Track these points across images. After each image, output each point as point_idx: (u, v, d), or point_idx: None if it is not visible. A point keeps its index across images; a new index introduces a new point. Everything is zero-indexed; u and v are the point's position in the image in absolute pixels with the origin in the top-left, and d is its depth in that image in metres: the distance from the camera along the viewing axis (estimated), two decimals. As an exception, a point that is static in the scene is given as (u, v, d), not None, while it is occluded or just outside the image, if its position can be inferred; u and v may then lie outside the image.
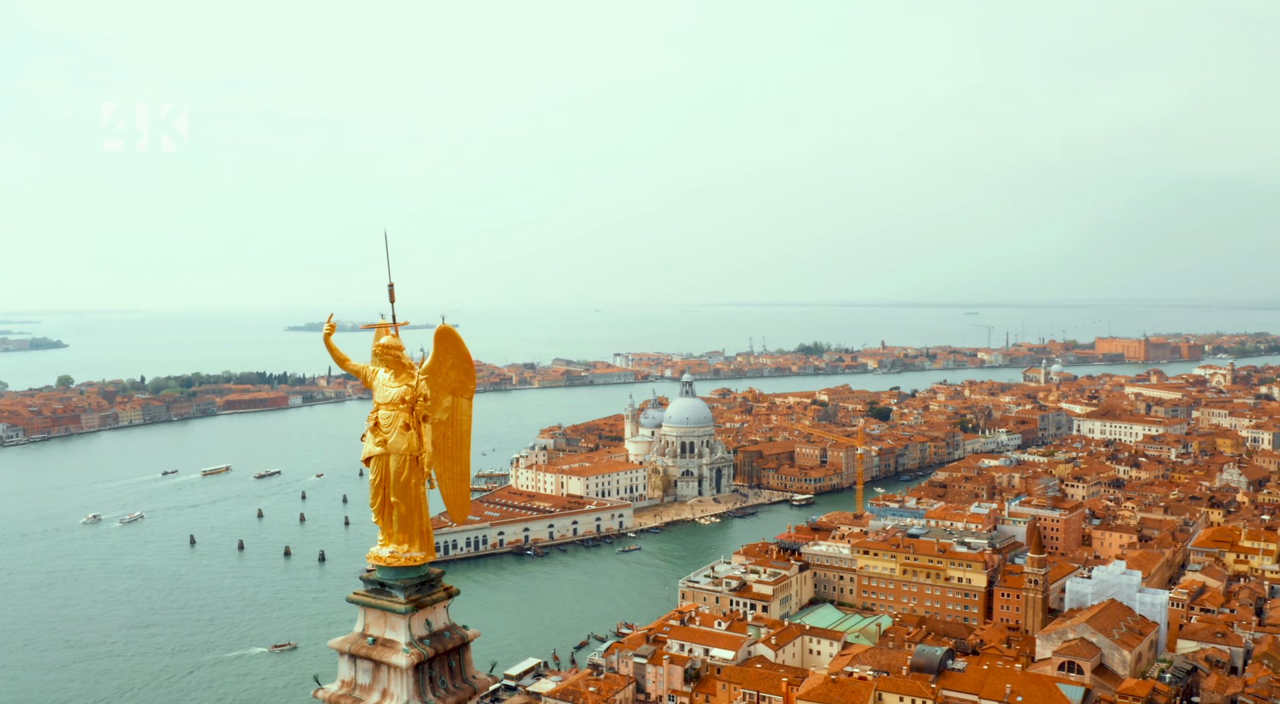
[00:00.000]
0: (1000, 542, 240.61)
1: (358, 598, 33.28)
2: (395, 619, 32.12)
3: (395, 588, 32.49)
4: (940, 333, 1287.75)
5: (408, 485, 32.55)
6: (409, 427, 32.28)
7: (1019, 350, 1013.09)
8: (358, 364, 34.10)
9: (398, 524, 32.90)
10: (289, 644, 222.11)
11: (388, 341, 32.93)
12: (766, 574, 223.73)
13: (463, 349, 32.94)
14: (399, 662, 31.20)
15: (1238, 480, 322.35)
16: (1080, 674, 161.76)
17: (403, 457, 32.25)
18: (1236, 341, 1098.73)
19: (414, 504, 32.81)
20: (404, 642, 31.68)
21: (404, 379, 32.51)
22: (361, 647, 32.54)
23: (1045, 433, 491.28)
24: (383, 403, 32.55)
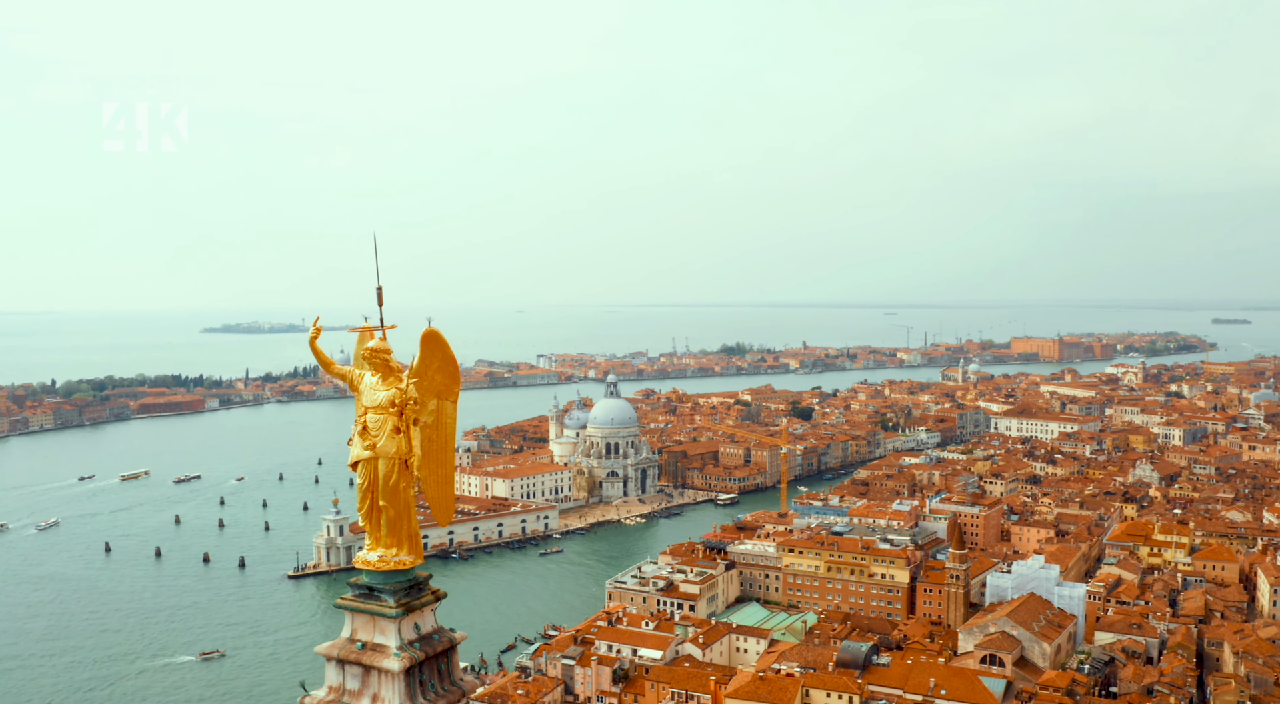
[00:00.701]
0: (922, 538, 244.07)
1: (346, 603, 32.84)
2: (385, 623, 31.86)
3: (385, 592, 32.24)
4: (860, 333, 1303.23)
5: (396, 489, 32.37)
6: (399, 430, 32.12)
7: (937, 350, 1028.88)
8: (343, 367, 33.82)
9: (386, 528, 32.66)
10: (217, 652, 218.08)
11: (376, 345, 32.70)
12: (693, 574, 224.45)
13: (448, 352, 32.70)
14: (391, 666, 30.98)
15: (1150, 476, 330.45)
16: (1002, 667, 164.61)
17: (392, 460, 32.11)
18: (1147, 341, 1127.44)
19: (403, 508, 32.61)
20: (395, 646, 31.49)
21: (392, 382, 32.32)
22: (351, 652, 32.19)
23: (964, 431, 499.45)
24: (371, 406, 32.32)
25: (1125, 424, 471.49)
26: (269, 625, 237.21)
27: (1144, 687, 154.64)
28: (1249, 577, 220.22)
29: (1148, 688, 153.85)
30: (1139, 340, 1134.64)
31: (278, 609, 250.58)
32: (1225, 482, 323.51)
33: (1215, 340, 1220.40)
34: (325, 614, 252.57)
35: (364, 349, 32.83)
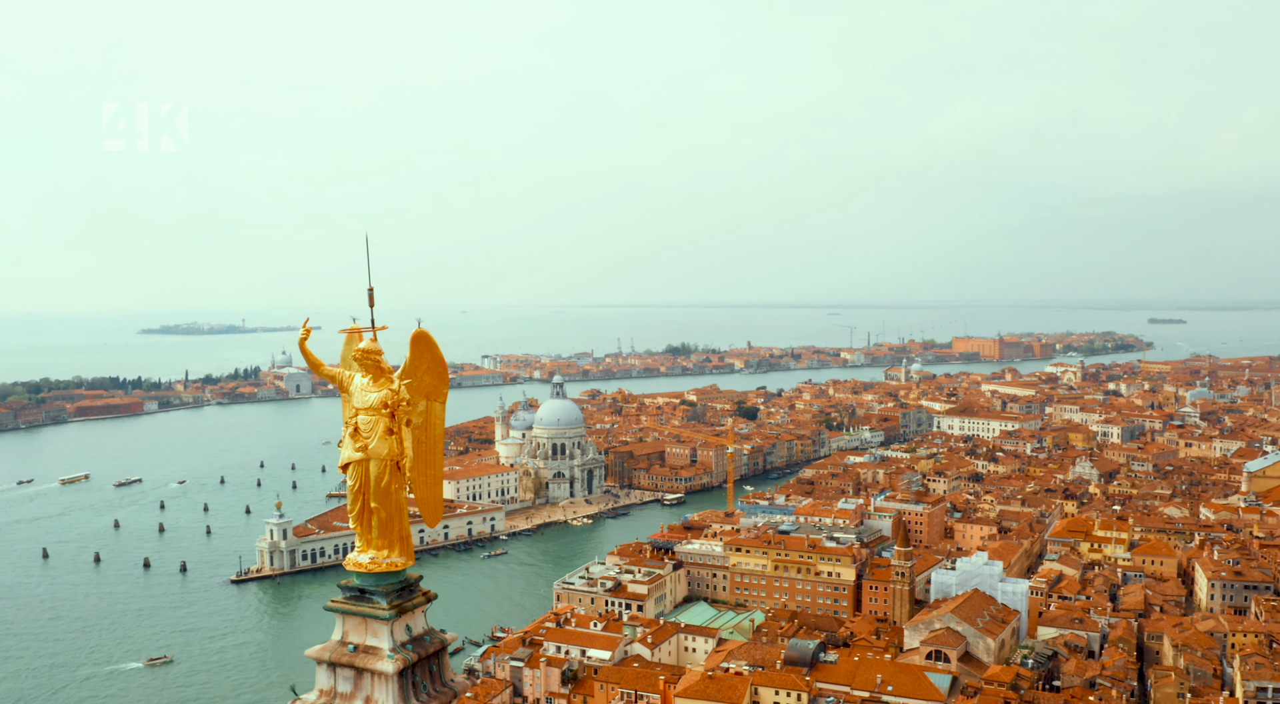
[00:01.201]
0: (867, 536, 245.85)
1: (337, 606, 32.45)
2: (377, 625, 31.59)
3: (377, 594, 32.00)
4: (804, 333, 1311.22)
5: (388, 490, 32.16)
6: (392, 431, 31.90)
7: (880, 350, 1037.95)
8: (332, 368, 33.52)
9: (377, 529, 32.42)
10: (164, 657, 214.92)
11: (368, 346, 32.41)
12: (641, 574, 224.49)
13: (437, 353, 32.77)
14: (385, 668, 30.73)
15: (1089, 473, 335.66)
16: (947, 663, 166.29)
17: (384, 462, 31.91)
18: (1085, 340, 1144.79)
19: (394, 509, 32.38)
20: (388, 648, 31.24)
21: (383, 384, 32.05)
22: (342, 655, 31.85)
23: (907, 430, 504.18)
24: (362, 408, 32.06)
25: (1065, 422, 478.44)
26: (215, 630, 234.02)
27: (1086, 680, 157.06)
28: (1187, 571, 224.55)
29: (1090, 681, 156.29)
30: (1077, 340, 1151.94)
31: (222, 614, 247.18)
32: (1163, 478, 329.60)
33: (1152, 340, 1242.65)
34: (271, 618, 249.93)
35: (356, 350, 32.64)
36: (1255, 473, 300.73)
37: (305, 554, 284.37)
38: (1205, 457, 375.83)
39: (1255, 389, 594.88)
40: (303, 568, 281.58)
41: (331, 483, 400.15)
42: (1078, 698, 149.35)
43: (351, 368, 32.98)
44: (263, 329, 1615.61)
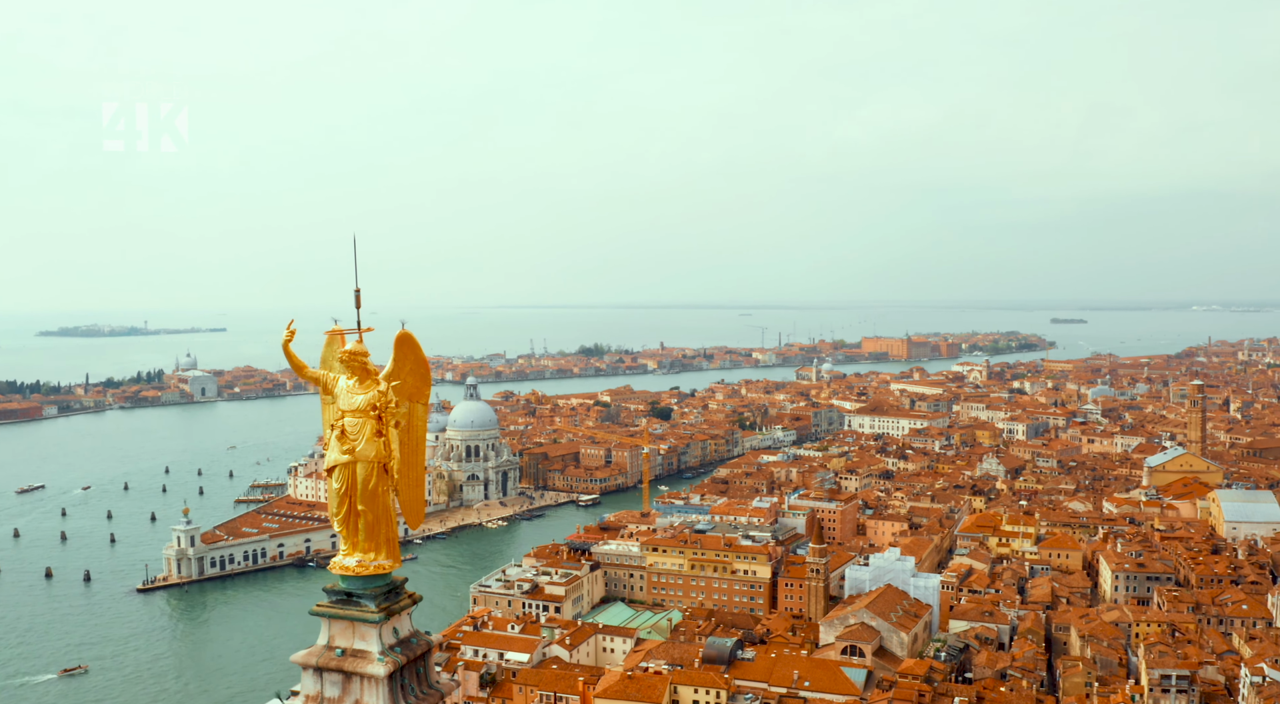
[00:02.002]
0: (782, 534, 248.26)
1: (323, 610, 31.86)
2: (366, 629, 31.08)
3: (365, 597, 31.44)
4: (716, 334, 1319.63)
5: (375, 493, 31.66)
6: (380, 434, 31.55)
7: (791, 350, 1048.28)
8: (315, 371, 32.97)
9: (364, 532, 31.92)
10: (80, 667, 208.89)
11: (355, 347, 32.06)
12: (558, 575, 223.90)
13: (420, 355, 32.47)
14: (376, 671, 30.28)
15: (996, 469, 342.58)
16: (862, 657, 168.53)
17: (371, 464, 31.44)
18: (990, 340, 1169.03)
19: (381, 512, 31.92)
20: (377, 651, 30.74)
21: (369, 385, 31.70)
22: (330, 659, 31.23)
23: (819, 429, 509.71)
24: (348, 410, 31.62)
25: (972, 420, 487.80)
26: (126, 641, 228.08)
27: (997, 671, 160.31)
28: (1091, 564, 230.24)
29: (1001, 672, 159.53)
30: (983, 339, 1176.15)
31: (131, 625, 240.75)
32: (1067, 474, 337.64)
33: (1054, 339, 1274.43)
34: (183, 627, 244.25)
35: (342, 352, 32.21)
36: (1155, 468, 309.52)
37: (214, 561, 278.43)
38: (1107, 452, 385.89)
39: (1154, 387, 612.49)
40: (212, 576, 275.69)
41: (240, 488, 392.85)
42: (989, 689, 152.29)
43: (333, 370, 32.62)
44: (166, 331, 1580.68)
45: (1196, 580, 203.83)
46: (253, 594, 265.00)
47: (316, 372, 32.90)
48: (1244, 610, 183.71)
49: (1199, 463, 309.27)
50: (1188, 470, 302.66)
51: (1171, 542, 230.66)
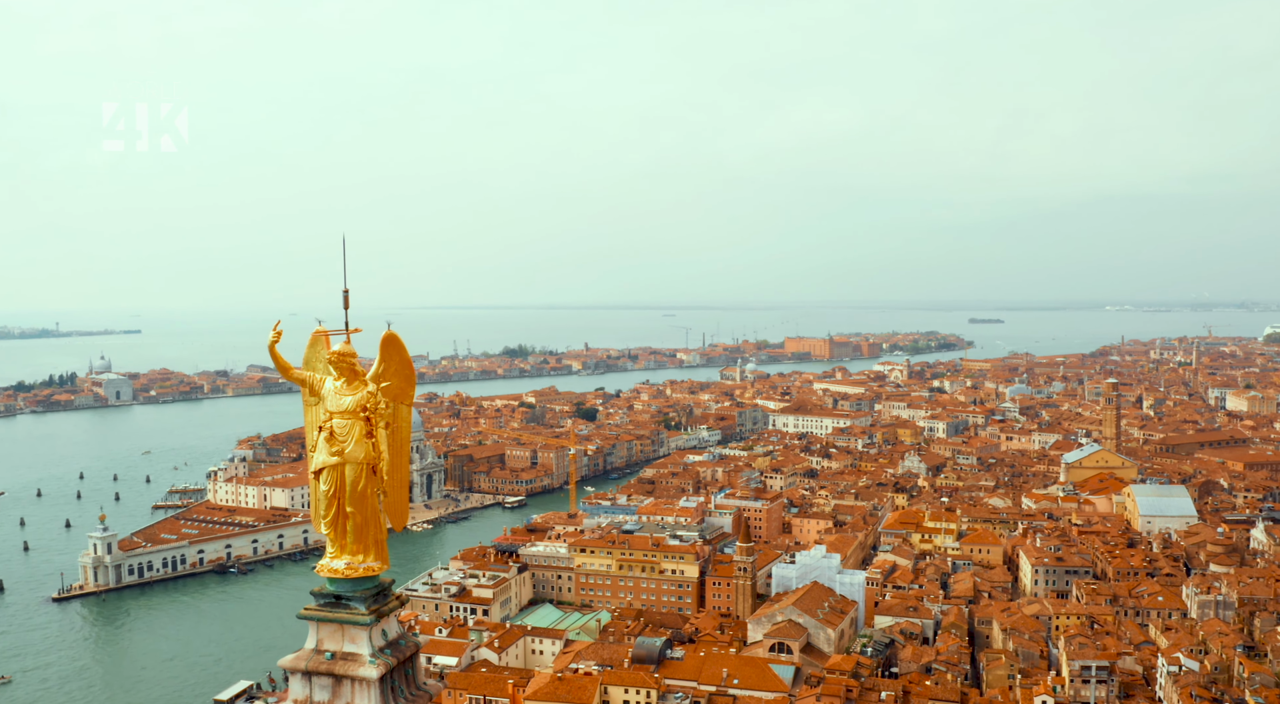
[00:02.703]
0: (709, 533, 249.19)
1: (311, 613, 31.36)
2: (356, 631, 30.82)
3: (355, 600, 31.22)
4: (641, 334, 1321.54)
5: (364, 495, 31.49)
6: (370, 435, 31.41)
7: (715, 350, 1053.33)
8: (302, 372, 32.50)
9: (352, 534, 31.62)
10: (3, 678, 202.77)
11: (343, 349, 31.93)
12: (485, 578, 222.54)
13: (405, 356, 32.38)
14: (369, 674, 30.04)
15: (918, 467, 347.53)
16: (790, 654, 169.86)
17: (359, 466, 31.28)
18: (910, 340, 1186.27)
19: (370, 514, 31.69)
20: (368, 653, 30.46)
21: (357, 387, 31.55)
22: (320, 663, 30.90)
23: (743, 428, 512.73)
24: (336, 412, 31.43)
25: (893, 419, 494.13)
26: (47, 650, 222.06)
27: (923, 665, 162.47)
28: (1011, 558, 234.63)
29: (926, 666, 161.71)
30: (903, 339, 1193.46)
31: (48, 634, 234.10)
32: (986, 470, 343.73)
33: (972, 339, 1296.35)
34: (103, 636, 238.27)
35: (331, 353, 32.03)
36: (1072, 464, 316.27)
37: (132, 569, 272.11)
38: (1025, 449, 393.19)
39: (1069, 385, 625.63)
40: (130, 583, 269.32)
41: (157, 494, 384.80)
42: (915, 683, 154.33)
43: (316, 370, 32.27)
44: (78, 333, 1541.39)
45: (1113, 573, 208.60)
46: (173, 602, 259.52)
47: (303, 373, 32.52)
48: (1160, 602, 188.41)
49: (1114, 459, 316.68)
50: (1103, 466, 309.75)
51: (1089, 536, 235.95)
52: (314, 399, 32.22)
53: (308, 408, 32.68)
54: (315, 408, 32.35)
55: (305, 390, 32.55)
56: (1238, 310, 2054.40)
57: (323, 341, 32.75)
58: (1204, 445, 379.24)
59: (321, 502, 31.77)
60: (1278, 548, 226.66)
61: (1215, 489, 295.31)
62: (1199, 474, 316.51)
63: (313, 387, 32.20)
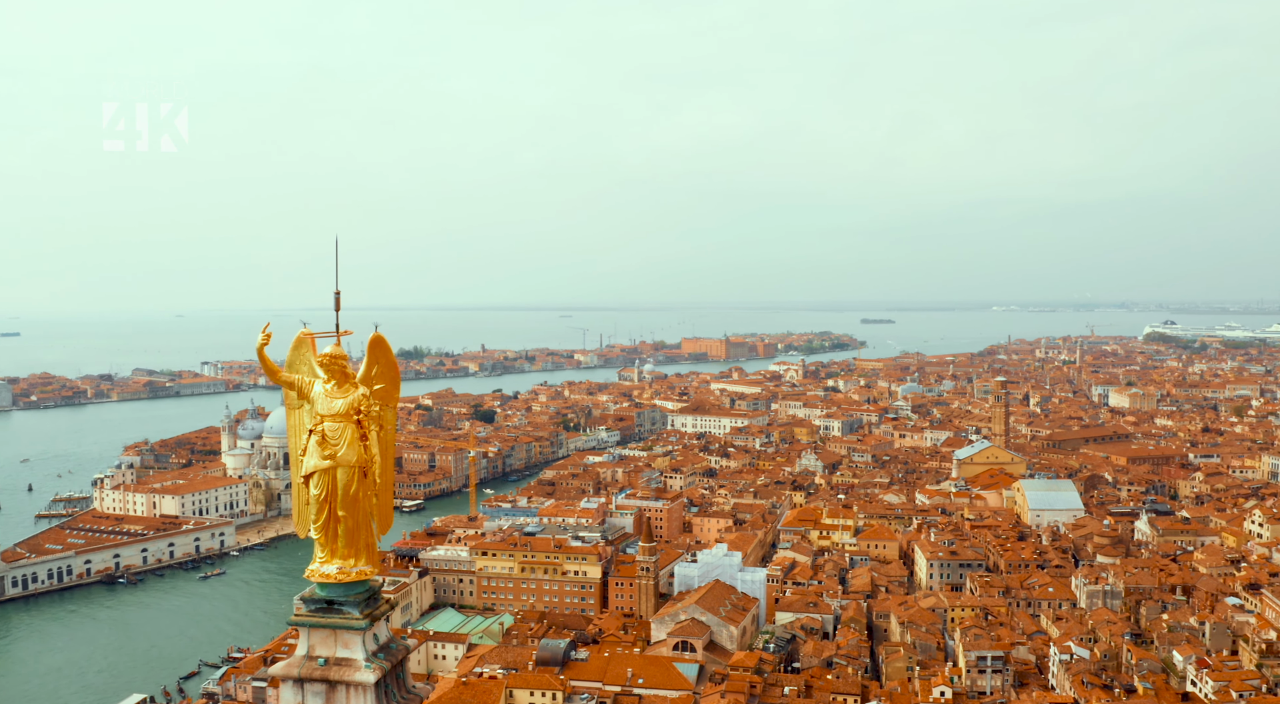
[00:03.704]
0: (611, 534, 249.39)
1: (302, 619, 30.59)
2: (349, 636, 30.26)
3: (348, 604, 30.55)
4: (537, 335, 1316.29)
5: (356, 498, 30.89)
6: (365, 437, 30.99)
7: (613, 351, 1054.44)
8: (290, 375, 31.79)
9: (344, 539, 30.95)
10: None
11: (335, 351, 31.39)
12: (385, 583, 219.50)
13: (392, 358, 32.18)
14: (366, 678, 29.55)
15: (815, 465, 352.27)
16: (694, 652, 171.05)
17: (352, 469, 30.71)
18: (804, 340, 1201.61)
19: (362, 518, 31.16)
20: (363, 658, 29.93)
21: (348, 389, 31.07)
22: (313, 669, 30.18)
23: (642, 429, 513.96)
24: (327, 415, 30.84)
25: (790, 418, 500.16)
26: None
27: (824, 660, 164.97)
28: (907, 553, 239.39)
29: (827, 661, 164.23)
30: (797, 339, 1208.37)
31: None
32: (881, 467, 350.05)
33: (864, 339, 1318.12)
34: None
35: (323, 355, 31.51)
36: (963, 460, 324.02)
37: (16, 581, 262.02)
38: (918, 446, 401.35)
39: (959, 383, 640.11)
40: (13, 596, 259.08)
41: (40, 502, 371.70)
42: (817, 678, 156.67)
43: (300, 373, 31.76)
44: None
45: (1005, 566, 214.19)
46: (61, 614, 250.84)
47: (291, 376, 31.96)
48: (1050, 593, 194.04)
49: (1003, 455, 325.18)
50: (993, 462, 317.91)
51: (981, 530, 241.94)
52: (300, 402, 31.76)
53: (290, 411, 32.14)
54: (299, 411, 31.89)
55: (293, 394, 31.97)
56: (1118, 310, 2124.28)
57: (308, 344, 32.28)
58: (1089, 441, 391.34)
59: (312, 506, 31.29)
60: (1161, 539, 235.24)
61: (1100, 483, 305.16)
62: (1084, 469, 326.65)
63: (301, 390, 31.70)
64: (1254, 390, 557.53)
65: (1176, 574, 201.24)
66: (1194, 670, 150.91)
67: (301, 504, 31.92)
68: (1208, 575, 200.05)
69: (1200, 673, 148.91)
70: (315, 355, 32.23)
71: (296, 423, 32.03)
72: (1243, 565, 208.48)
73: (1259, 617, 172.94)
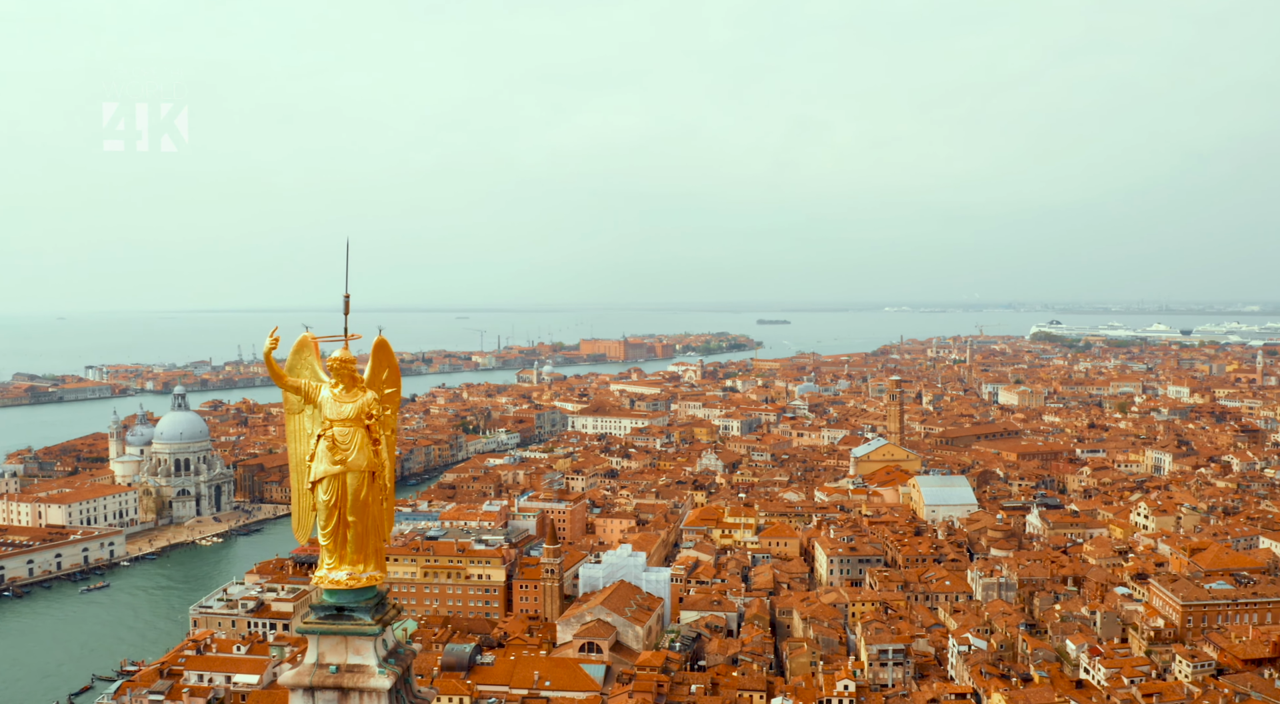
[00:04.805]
0: (514, 536, 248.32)
1: (312, 626, 29.73)
2: (361, 642, 29.72)
3: (359, 610, 29.97)
4: (434, 337, 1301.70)
5: (366, 503, 30.27)
6: (378, 441, 30.53)
7: (511, 353, 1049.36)
8: (298, 381, 31.15)
9: (353, 544, 30.24)
10: None
11: (344, 355, 30.86)
12: (285, 591, 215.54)
13: (395, 361, 31.74)
14: (381, 684, 29.13)
15: (715, 464, 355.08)
16: (600, 653, 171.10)
17: (362, 474, 30.16)
18: (702, 341, 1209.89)
19: (370, 523, 30.44)
20: (375, 663, 29.40)
21: (356, 394, 30.60)
22: (325, 677, 29.53)
23: (542, 430, 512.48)
24: (336, 420, 30.29)
25: (689, 418, 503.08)
26: None
27: (729, 657, 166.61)
28: (808, 550, 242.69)
29: (732, 658, 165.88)
30: (695, 340, 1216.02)
31: None
32: (780, 466, 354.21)
33: (761, 339, 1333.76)
34: None
35: (332, 359, 30.97)
36: (860, 458, 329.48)
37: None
38: (815, 445, 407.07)
39: (854, 382, 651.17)
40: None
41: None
42: (722, 675, 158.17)
43: (302, 377, 31.30)
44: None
45: (903, 561, 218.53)
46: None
47: (298, 381, 31.37)
48: (947, 586, 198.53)
49: (899, 452, 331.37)
50: (889, 459, 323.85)
51: (879, 526, 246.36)
52: (306, 408, 31.26)
53: (290, 416, 31.52)
54: (299, 416, 31.36)
55: (299, 399, 31.37)
56: (1006, 310, 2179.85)
57: (310, 347, 31.80)
58: (980, 438, 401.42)
59: (321, 512, 30.74)
60: (1051, 532, 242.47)
61: (992, 478, 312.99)
62: (977, 465, 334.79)
63: (309, 394, 31.16)
64: (1136, 387, 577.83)
65: (1067, 566, 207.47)
66: (1087, 658, 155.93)
67: (304, 510, 31.46)
68: (1097, 566, 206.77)
69: (1093, 661, 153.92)
70: (318, 359, 31.99)
71: (296, 428, 31.66)
72: (1130, 556, 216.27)
73: (1147, 605, 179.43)
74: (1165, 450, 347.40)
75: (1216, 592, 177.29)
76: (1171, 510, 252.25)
